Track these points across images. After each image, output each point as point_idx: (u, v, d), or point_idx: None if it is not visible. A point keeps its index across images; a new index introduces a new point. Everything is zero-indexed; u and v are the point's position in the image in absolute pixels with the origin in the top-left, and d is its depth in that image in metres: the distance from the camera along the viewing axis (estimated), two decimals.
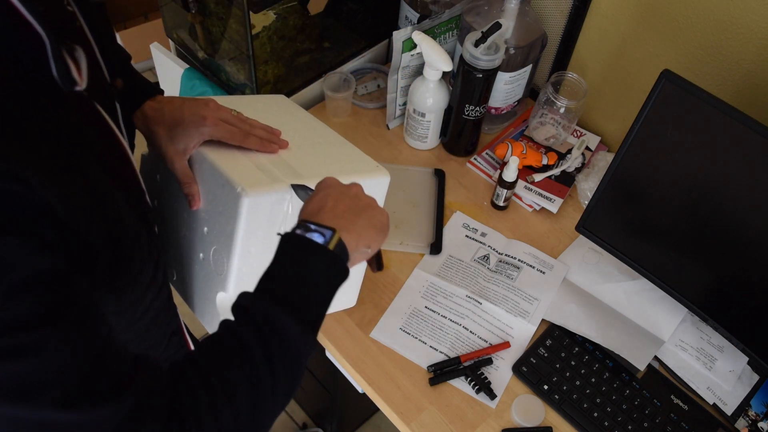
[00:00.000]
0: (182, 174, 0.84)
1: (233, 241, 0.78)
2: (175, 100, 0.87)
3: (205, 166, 0.83)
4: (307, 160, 0.90)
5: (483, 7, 1.25)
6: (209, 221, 0.82)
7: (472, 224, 1.23)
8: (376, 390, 1.03)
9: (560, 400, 1.03)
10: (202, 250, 0.84)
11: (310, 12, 1.41)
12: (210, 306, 0.84)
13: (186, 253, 0.87)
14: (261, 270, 0.77)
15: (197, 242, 0.85)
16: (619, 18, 1.19)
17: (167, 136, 0.84)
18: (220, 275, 0.81)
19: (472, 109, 1.23)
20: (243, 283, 0.82)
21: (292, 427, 1.89)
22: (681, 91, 0.90)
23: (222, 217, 0.80)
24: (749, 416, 1.03)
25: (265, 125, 0.92)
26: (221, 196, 0.80)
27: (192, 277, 0.87)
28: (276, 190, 0.80)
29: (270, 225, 0.81)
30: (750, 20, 1.01)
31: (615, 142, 1.34)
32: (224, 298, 0.82)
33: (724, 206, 0.94)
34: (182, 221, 0.88)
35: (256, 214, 0.79)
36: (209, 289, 0.84)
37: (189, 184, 0.84)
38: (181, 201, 0.87)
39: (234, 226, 0.78)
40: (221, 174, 0.80)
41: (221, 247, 0.81)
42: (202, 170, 0.83)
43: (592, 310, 1.13)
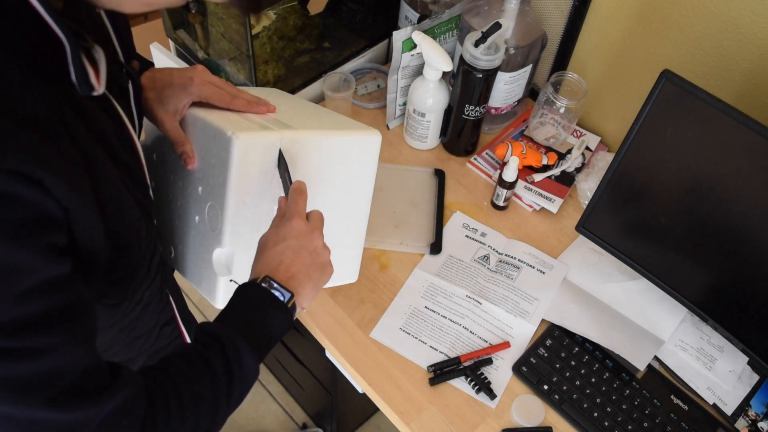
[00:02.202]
0: (174, 134, 0.85)
1: (226, 189, 0.78)
2: (166, 69, 0.89)
3: (197, 124, 0.83)
4: (298, 119, 0.90)
5: (483, 7, 1.25)
6: (203, 179, 0.82)
7: (472, 224, 1.23)
8: (376, 390, 1.03)
9: (560, 400, 1.03)
10: (197, 213, 0.84)
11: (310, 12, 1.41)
12: (207, 270, 0.83)
13: (182, 224, 0.87)
14: (255, 222, 0.79)
15: (192, 206, 0.85)
16: (619, 18, 1.19)
17: (157, 99, 0.85)
18: (215, 230, 0.81)
19: (472, 109, 1.23)
20: (238, 235, 0.81)
21: (292, 427, 1.89)
22: (681, 91, 0.90)
23: (215, 169, 0.80)
24: (749, 416, 1.03)
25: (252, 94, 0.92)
26: (213, 148, 0.80)
27: (188, 245, 0.87)
28: (266, 136, 0.80)
29: (262, 175, 0.81)
30: (750, 20, 1.01)
31: (615, 142, 1.34)
32: (220, 254, 0.81)
33: (724, 206, 0.94)
34: (178, 192, 0.88)
35: (247, 159, 0.78)
36: (205, 251, 0.83)
37: (182, 143, 0.85)
38: (177, 172, 0.87)
39: (226, 174, 0.78)
40: (211, 126, 0.81)
41: (216, 200, 0.80)
42: (194, 130, 0.84)
43: (592, 310, 1.13)
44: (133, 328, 0.87)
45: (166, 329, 0.96)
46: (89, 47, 0.60)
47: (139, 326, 0.89)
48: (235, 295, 0.76)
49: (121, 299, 0.77)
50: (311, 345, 1.25)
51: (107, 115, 0.68)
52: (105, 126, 0.66)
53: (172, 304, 0.96)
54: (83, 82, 0.58)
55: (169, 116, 0.85)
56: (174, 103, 0.86)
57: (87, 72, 0.58)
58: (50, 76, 0.57)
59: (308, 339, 1.19)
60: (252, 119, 0.86)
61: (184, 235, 0.88)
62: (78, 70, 0.57)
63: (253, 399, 1.93)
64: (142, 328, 0.90)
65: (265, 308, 0.74)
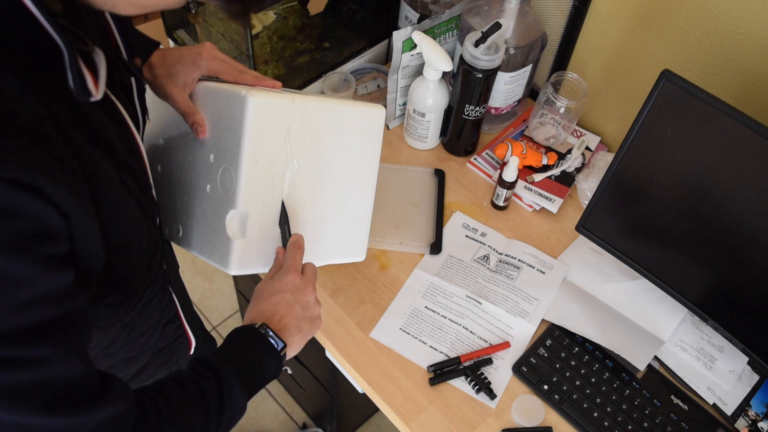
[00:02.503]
0: (184, 106, 0.87)
1: (241, 148, 0.80)
2: (175, 48, 0.92)
3: (208, 94, 0.86)
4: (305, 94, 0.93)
5: (483, 7, 1.25)
6: (215, 146, 0.84)
7: (472, 224, 1.23)
8: (376, 390, 1.03)
9: (560, 400, 1.03)
10: (209, 181, 0.85)
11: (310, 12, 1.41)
12: (219, 237, 0.83)
13: (191, 198, 0.88)
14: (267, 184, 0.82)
15: (203, 176, 0.86)
16: (619, 18, 1.19)
17: (167, 74, 0.88)
18: (228, 193, 0.82)
19: (472, 109, 1.23)
20: (251, 196, 0.82)
21: (292, 427, 1.89)
22: (681, 91, 0.90)
23: (228, 132, 0.82)
24: (749, 416, 1.03)
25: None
26: (226, 112, 0.82)
27: (198, 218, 0.87)
28: (280, 98, 0.83)
29: (275, 136, 0.83)
30: (750, 20, 1.01)
31: (615, 142, 1.34)
32: (234, 216, 0.82)
33: (724, 206, 0.94)
34: (187, 167, 0.89)
35: (261, 118, 0.81)
36: (218, 218, 0.83)
37: (192, 113, 0.86)
38: (186, 147, 0.89)
39: (241, 132, 0.79)
40: (224, 90, 0.83)
41: (230, 162, 0.82)
42: (205, 100, 0.86)
43: (592, 310, 1.13)
44: (134, 326, 0.88)
45: (169, 327, 0.97)
46: (89, 51, 0.60)
47: (141, 324, 0.89)
48: (232, 334, 0.80)
49: (120, 299, 0.78)
50: (311, 345, 1.25)
51: (109, 117, 0.68)
52: (107, 128, 0.66)
53: (176, 301, 0.96)
54: (81, 89, 0.58)
55: (179, 90, 0.87)
56: (183, 78, 0.88)
57: (85, 78, 0.58)
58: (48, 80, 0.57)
59: None
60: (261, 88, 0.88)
61: (193, 209, 0.88)
62: (75, 77, 0.57)
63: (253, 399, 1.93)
64: (144, 325, 0.90)
65: (260, 353, 0.79)
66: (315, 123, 0.87)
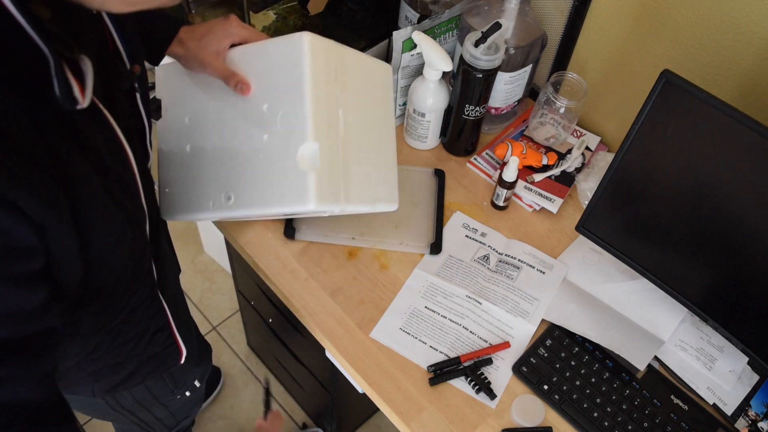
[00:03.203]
0: (223, 71, 0.90)
1: (303, 85, 0.83)
2: (201, 23, 0.95)
3: (248, 54, 0.91)
4: None
5: (483, 7, 1.25)
6: (267, 97, 0.87)
7: (472, 224, 1.23)
8: (376, 390, 1.03)
9: (560, 400, 1.03)
10: (265, 131, 0.86)
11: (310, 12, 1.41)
12: (290, 180, 0.84)
13: (245, 157, 0.89)
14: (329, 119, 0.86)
15: (257, 129, 0.87)
16: (619, 18, 1.19)
17: (198, 47, 0.91)
18: (295, 131, 0.84)
19: (472, 109, 1.23)
20: (319, 128, 0.84)
21: (292, 427, 1.89)
22: (681, 91, 0.90)
23: (282, 77, 0.85)
24: (749, 416, 1.03)
25: None
26: (276, 60, 0.86)
27: (257, 173, 0.87)
28: (326, 40, 0.88)
29: (327, 74, 0.87)
30: (750, 20, 1.01)
31: (615, 142, 1.34)
32: (305, 149, 0.83)
33: (724, 206, 0.94)
34: (231, 130, 0.91)
35: (317, 55, 0.85)
36: (285, 160, 0.84)
37: (233, 75, 0.89)
38: (225, 114, 0.91)
39: (301, 70, 0.83)
40: (270, 43, 0.89)
41: (290, 105, 0.85)
42: (245, 61, 0.90)
43: (592, 310, 1.13)
44: (119, 333, 0.87)
45: (158, 336, 0.95)
46: (76, 58, 0.59)
47: (127, 331, 0.88)
48: None
49: (103, 308, 0.77)
50: (311, 345, 1.25)
51: (97, 124, 0.67)
52: (94, 135, 0.65)
53: (166, 310, 0.95)
54: (66, 97, 0.57)
55: (214, 57, 0.91)
56: (216, 46, 0.91)
57: (71, 86, 0.57)
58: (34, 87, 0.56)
59: (308, 339, 1.19)
60: None
61: (247, 167, 0.88)
62: (61, 84, 0.56)
63: (253, 399, 1.93)
64: (130, 332, 0.89)
65: None
66: (351, 68, 0.93)
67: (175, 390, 1.11)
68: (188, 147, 0.95)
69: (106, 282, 0.72)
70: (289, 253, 1.16)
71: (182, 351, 1.02)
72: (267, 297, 1.37)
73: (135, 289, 0.82)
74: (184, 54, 0.93)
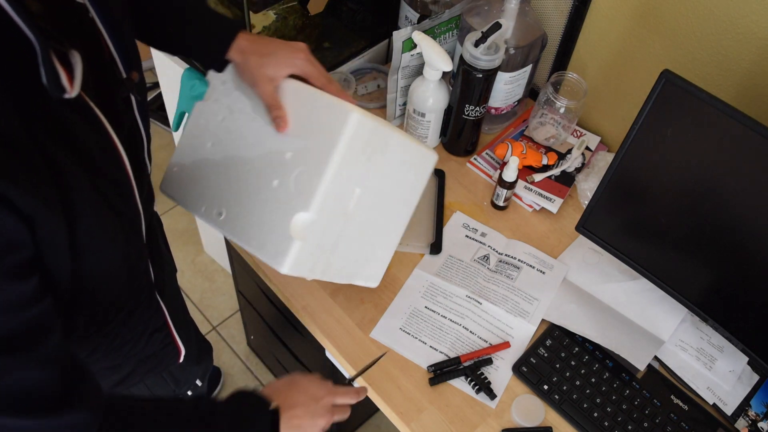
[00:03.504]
0: (271, 98, 0.87)
1: (330, 158, 0.82)
2: (266, 37, 0.92)
3: (299, 95, 0.88)
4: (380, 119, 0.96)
5: (483, 7, 1.25)
6: (295, 147, 0.86)
7: (472, 224, 1.23)
8: (376, 390, 1.03)
9: (560, 400, 1.03)
10: (278, 177, 0.86)
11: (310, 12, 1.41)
12: (277, 233, 0.84)
13: (250, 187, 0.88)
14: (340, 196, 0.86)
15: (272, 170, 0.86)
16: (619, 18, 1.19)
17: (259, 64, 0.88)
18: (301, 196, 0.83)
19: (472, 109, 1.23)
20: (325, 205, 0.84)
21: None
22: (681, 91, 0.90)
23: (316, 138, 0.84)
24: (749, 416, 1.03)
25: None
26: (319, 118, 0.85)
27: (253, 209, 0.87)
28: (374, 121, 0.86)
29: (360, 154, 0.86)
30: (750, 20, 1.01)
31: (615, 142, 1.34)
32: (301, 219, 0.83)
33: (724, 206, 0.94)
34: (250, 154, 0.89)
35: (357, 135, 0.84)
36: (281, 215, 0.84)
37: (277, 107, 0.87)
38: (252, 136, 0.89)
39: (335, 144, 0.82)
40: (323, 98, 0.86)
41: (310, 167, 0.84)
42: (292, 99, 0.88)
43: (592, 310, 1.13)
44: (117, 335, 0.87)
45: (156, 336, 0.95)
46: (65, 51, 0.59)
47: (124, 333, 0.88)
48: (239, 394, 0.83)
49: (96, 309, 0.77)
50: (311, 345, 1.25)
51: (89, 125, 0.66)
52: (86, 137, 0.65)
53: (164, 310, 0.94)
54: (54, 84, 0.57)
55: (268, 81, 0.88)
56: (274, 70, 0.88)
57: (58, 73, 0.57)
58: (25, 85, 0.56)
59: (308, 339, 1.19)
60: None
61: (248, 197, 0.88)
62: (49, 71, 0.56)
63: None
64: (128, 334, 0.89)
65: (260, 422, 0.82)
66: (390, 151, 0.91)
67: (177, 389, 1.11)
68: (210, 144, 0.93)
69: (100, 282, 0.72)
70: None
71: (181, 350, 1.02)
72: (267, 297, 1.37)
73: (132, 290, 0.82)
74: (242, 64, 0.89)
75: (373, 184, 0.91)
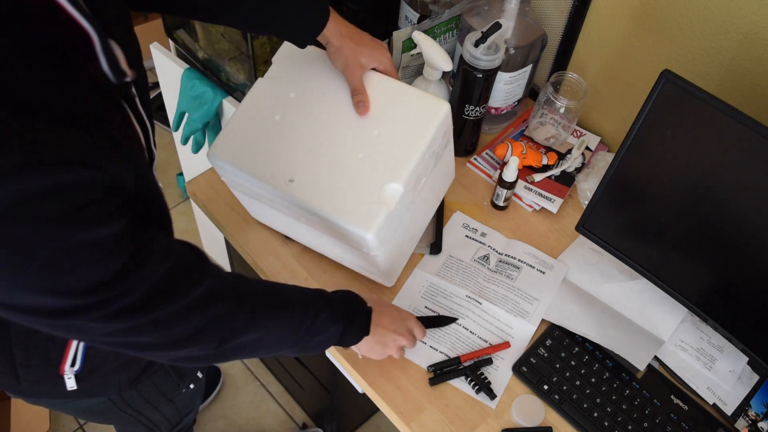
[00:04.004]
0: (359, 84, 0.96)
1: (422, 139, 0.93)
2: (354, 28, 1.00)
3: (387, 84, 0.98)
4: None
5: (483, 7, 1.25)
6: (384, 128, 0.95)
7: (472, 224, 1.23)
8: (376, 390, 1.03)
9: (560, 400, 1.03)
10: (363, 151, 0.94)
11: None
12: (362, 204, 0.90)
13: (329, 156, 0.94)
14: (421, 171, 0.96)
15: (357, 145, 0.94)
16: (619, 18, 1.19)
17: (354, 50, 0.96)
18: (393, 169, 0.92)
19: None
20: (410, 179, 0.93)
21: (292, 427, 1.89)
22: (681, 91, 0.90)
23: (409, 122, 0.94)
24: (749, 416, 1.03)
25: None
26: (411, 108, 0.95)
27: (334, 176, 0.93)
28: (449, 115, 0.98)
29: (438, 144, 0.98)
30: (750, 20, 1.01)
31: (615, 142, 1.34)
32: (391, 188, 0.91)
33: (724, 206, 0.94)
34: (331, 128, 0.96)
35: (443, 124, 0.96)
36: (369, 183, 0.91)
37: (363, 92, 0.96)
38: (334, 114, 0.97)
39: (428, 129, 0.93)
40: (414, 91, 0.97)
41: (402, 146, 0.93)
42: (378, 88, 0.97)
43: (592, 310, 1.13)
44: None
45: None
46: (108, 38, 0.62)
47: None
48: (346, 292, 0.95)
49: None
50: None
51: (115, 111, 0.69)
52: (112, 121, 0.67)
53: None
54: (115, 69, 0.60)
55: (358, 67, 0.96)
56: (366, 61, 0.97)
57: (117, 58, 0.60)
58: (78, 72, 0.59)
59: None
60: None
61: (326, 166, 0.93)
62: (109, 58, 0.59)
63: (253, 399, 1.93)
64: None
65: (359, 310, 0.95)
66: (448, 148, 1.05)
67: (181, 383, 1.12)
68: (278, 116, 0.98)
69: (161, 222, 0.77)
70: (289, 253, 1.16)
71: None
72: None
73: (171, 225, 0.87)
74: (339, 47, 0.96)
75: (432, 174, 1.01)
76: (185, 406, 1.21)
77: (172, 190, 2.34)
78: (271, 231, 1.18)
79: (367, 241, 0.91)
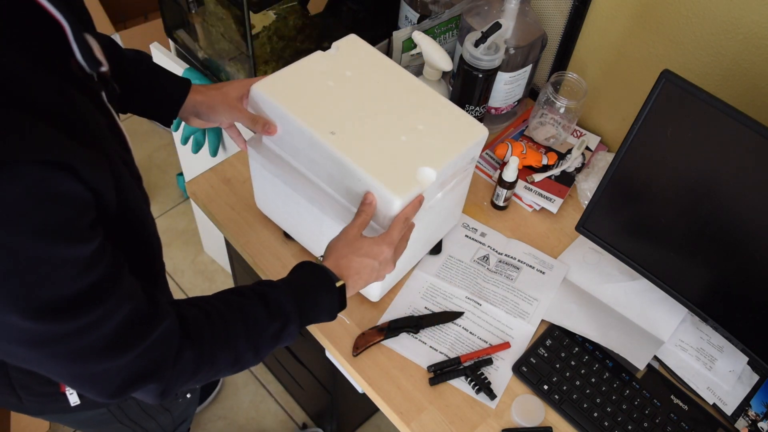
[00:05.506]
0: (249, 115, 0.96)
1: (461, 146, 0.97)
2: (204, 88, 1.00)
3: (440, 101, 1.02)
4: None
5: (483, 7, 1.25)
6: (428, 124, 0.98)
7: (472, 224, 1.23)
8: (376, 390, 1.03)
9: (560, 400, 1.03)
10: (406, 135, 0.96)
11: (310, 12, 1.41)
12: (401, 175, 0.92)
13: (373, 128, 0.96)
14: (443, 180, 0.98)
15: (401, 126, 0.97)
16: (619, 18, 1.19)
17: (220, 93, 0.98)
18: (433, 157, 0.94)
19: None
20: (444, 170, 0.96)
21: (292, 427, 1.89)
22: (681, 91, 0.90)
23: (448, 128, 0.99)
24: (749, 416, 1.03)
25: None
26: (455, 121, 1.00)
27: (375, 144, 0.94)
28: None
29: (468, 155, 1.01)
30: (750, 20, 1.01)
31: (615, 142, 1.34)
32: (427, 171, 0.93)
33: (724, 206, 0.94)
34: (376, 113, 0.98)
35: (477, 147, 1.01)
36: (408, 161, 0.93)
37: (258, 119, 0.96)
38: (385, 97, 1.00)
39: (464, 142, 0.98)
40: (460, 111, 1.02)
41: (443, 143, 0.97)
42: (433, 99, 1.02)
43: (592, 310, 1.13)
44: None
45: None
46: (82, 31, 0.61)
47: None
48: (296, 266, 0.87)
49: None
50: (311, 345, 1.25)
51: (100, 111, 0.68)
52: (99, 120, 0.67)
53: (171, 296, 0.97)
54: (89, 58, 0.59)
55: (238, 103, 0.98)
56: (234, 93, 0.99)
57: (91, 47, 0.59)
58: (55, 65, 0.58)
59: (308, 339, 1.19)
60: None
61: (369, 135, 0.95)
62: (82, 47, 0.58)
63: (253, 399, 1.93)
64: None
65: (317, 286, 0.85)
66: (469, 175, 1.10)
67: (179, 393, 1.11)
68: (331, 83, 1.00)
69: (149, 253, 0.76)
70: (289, 253, 1.16)
71: None
72: None
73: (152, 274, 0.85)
74: (204, 100, 0.97)
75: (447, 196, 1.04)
76: (181, 415, 1.21)
77: (172, 190, 2.34)
78: (271, 231, 1.18)
79: (393, 207, 0.90)
